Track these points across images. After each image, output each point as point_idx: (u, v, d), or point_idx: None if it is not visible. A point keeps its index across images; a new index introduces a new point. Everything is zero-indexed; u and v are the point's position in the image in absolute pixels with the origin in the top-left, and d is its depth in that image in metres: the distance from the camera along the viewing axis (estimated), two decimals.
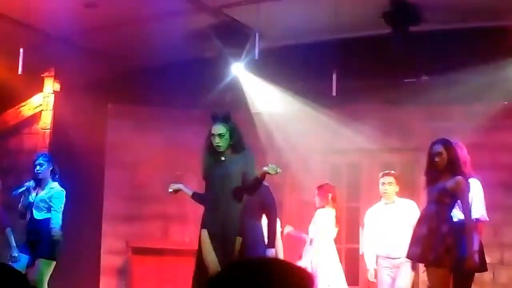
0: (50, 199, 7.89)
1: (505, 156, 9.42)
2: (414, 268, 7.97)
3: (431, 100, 9.29)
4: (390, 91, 9.27)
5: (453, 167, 6.53)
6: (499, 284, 9.29)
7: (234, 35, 9.12)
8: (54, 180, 8.04)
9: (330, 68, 9.23)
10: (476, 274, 6.82)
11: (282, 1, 8.49)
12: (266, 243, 7.39)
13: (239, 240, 6.71)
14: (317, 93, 9.54)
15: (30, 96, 10.35)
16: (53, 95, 10.21)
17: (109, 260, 10.29)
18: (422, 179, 9.65)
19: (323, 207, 8.61)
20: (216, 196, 6.74)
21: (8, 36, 8.94)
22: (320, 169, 8.98)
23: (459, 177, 6.44)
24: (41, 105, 10.30)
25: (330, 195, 8.62)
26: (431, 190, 6.65)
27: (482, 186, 6.87)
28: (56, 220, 7.84)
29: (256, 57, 8.98)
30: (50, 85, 10.24)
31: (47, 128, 10.21)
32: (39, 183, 7.99)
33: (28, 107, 10.42)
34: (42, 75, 10.21)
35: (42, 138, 10.21)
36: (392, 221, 8.09)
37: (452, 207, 6.51)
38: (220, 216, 6.68)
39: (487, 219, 6.90)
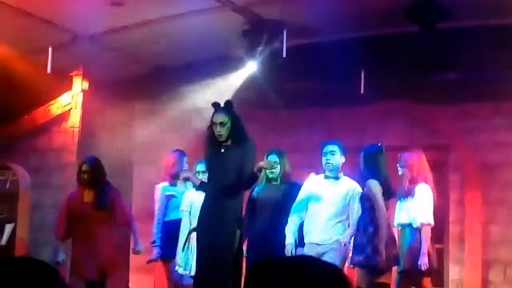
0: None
1: None
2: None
3: (459, 98, 9.19)
4: (418, 89, 9.19)
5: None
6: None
7: (260, 33, 9.10)
8: None
9: (357, 66, 9.17)
10: None
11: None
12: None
13: (238, 233, 6.61)
14: (344, 90, 9.49)
15: (59, 95, 10.43)
16: (81, 93, 10.29)
17: (138, 258, 10.29)
18: (450, 179, 9.64)
19: None
20: (213, 189, 6.65)
21: (37, 35, 9.02)
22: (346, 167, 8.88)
23: (368, 181, 6.83)
24: (69, 103, 10.37)
25: None
26: None
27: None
28: None
29: (284, 55, 8.95)
30: (79, 84, 10.31)
31: (75, 126, 10.28)
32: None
33: (57, 106, 10.50)
34: (70, 74, 10.29)
35: (70, 136, 10.28)
36: (328, 201, 7.16)
37: (372, 210, 6.76)
38: (216, 210, 6.59)
39: (432, 224, 7.00)
